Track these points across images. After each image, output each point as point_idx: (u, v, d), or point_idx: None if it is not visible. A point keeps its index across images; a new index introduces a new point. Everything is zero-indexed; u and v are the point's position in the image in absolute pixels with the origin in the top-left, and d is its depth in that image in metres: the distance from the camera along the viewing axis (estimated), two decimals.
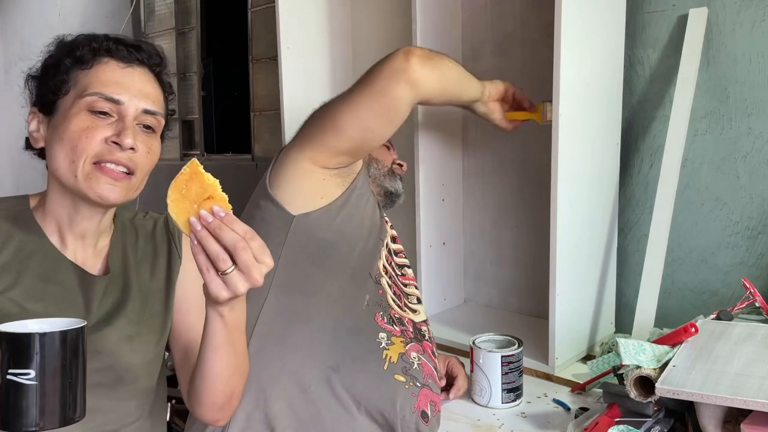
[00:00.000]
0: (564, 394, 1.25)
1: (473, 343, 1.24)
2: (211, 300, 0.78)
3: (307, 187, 1.11)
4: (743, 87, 1.37)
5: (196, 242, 0.73)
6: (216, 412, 0.92)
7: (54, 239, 0.89)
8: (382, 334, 1.08)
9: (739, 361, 0.97)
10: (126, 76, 0.87)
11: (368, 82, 1.10)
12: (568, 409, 1.18)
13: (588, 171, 1.37)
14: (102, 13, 3.45)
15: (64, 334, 0.67)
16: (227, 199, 0.74)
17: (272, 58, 2.63)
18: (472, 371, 1.23)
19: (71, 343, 0.67)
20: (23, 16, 4.03)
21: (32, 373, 0.65)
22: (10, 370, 0.65)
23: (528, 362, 1.32)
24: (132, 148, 0.84)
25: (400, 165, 1.35)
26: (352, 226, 1.13)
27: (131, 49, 0.89)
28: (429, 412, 1.07)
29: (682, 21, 1.41)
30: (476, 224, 1.78)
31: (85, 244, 0.91)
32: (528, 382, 1.26)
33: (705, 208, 1.45)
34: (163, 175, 3.32)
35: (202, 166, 0.75)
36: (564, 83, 1.23)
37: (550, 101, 1.26)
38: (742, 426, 0.89)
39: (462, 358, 1.31)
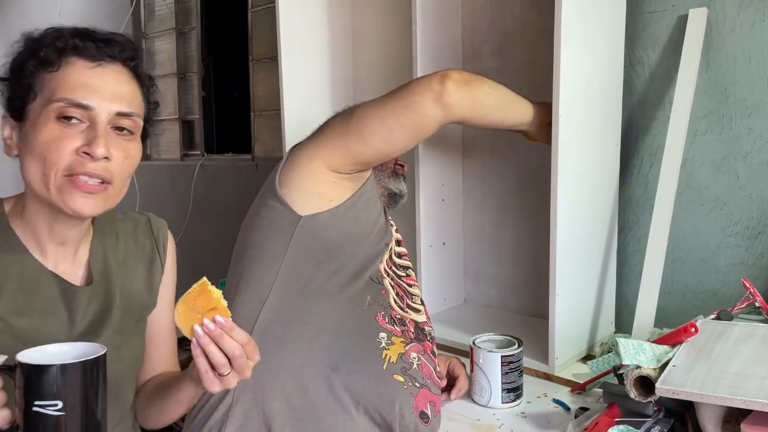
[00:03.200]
0: (564, 394, 1.25)
1: (473, 343, 1.24)
2: (198, 384, 0.82)
3: (317, 188, 1.11)
4: (743, 87, 1.37)
5: (198, 348, 0.77)
6: (154, 426, 0.99)
7: (32, 248, 0.85)
8: (383, 334, 1.08)
9: (739, 361, 0.97)
10: (95, 76, 0.80)
11: (401, 96, 1.12)
12: (568, 409, 1.18)
13: (588, 171, 1.37)
14: (102, 13, 3.45)
15: (84, 363, 0.67)
16: (226, 305, 0.79)
17: (272, 58, 2.63)
18: (472, 371, 1.23)
19: (94, 372, 0.68)
20: (23, 16, 4.03)
21: (60, 404, 0.65)
22: (37, 402, 0.65)
23: (528, 362, 1.32)
24: (106, 158, 0.79)
25: (402, 166, 1.35)
26: (359, 228, 1.13)
27: (100, 45, 0.81)
28: (429, 413, 1.07)
29: (682, 21, 1.41)
30: (476, 224, 1.78)
31: (66, 253, 0.88)
32: (528, 382, 1.26)
33: (705, 208, 1.45)
34: (163, 175, 3.35)
35: (210, 284, 0.79)
36: (564, 83, 1.23)
37: None
38: (742, 426, 0.89)
39: (462, 358, 1.31)
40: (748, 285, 1.20)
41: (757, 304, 1.19)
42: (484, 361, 1.20)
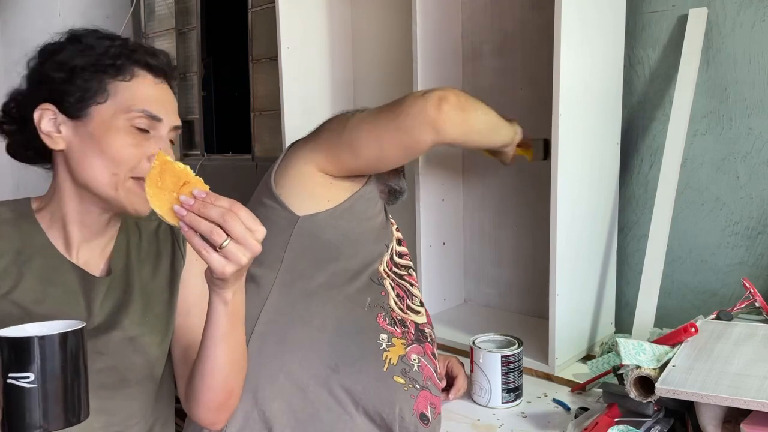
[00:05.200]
0: (564, 394, 1.25)
1: (473, 343, 1.24)
2: (215, 282, 0.79)
3: (314, 189, 1.11)
4: (743, 87, 1.37)
5: (186, 228, 0.74)
6: (214, 413, 0.92)
7: (58, 242, 0.88)
8: (383, 335, 1.08)
9: (739, 361, 0.97)
10: (160, 92, 0.89)
11: (396, 115, 1.10)
12: (568, 409, 1.18)
13: (588, 171, 1.37)
14: (102, 13, 3.45)
15: (63, 336, 0.67)
16: (203, 180, 0.76)
17: (272, 58, 2.63)
18: (472, 371, 1.23)
19: (71, 345, 0.67)
20: (23, 16, 4.03)
21: (31, 376, 0.65)
22: (11, 374, 0.65)
23: (528, 362, 1.32)
24: None
25: None
26: (358, 229, 1.13)
27: (160, 61, 0.90)
28: (429, 415, 1.06)
29: (682, 21, 1.41)
30: (476, 224, 1.78)
31: (92, 247, 0.91)
32: (528, 382, 1.26)
33: (705, 208, 1.45)
34: None
35: (169, 156, 0.77)
36: (564, 83, 1.23)
37: (547, 140, 1.27)
38: (742, 426, 0.89)
39: (462, 358, 1.31)
40: (748, 285, 1.20)
41: (757, 304, 1.19)
42: (484, 361, 1.20)
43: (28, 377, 0.65)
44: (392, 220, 1.25)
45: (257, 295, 1.07)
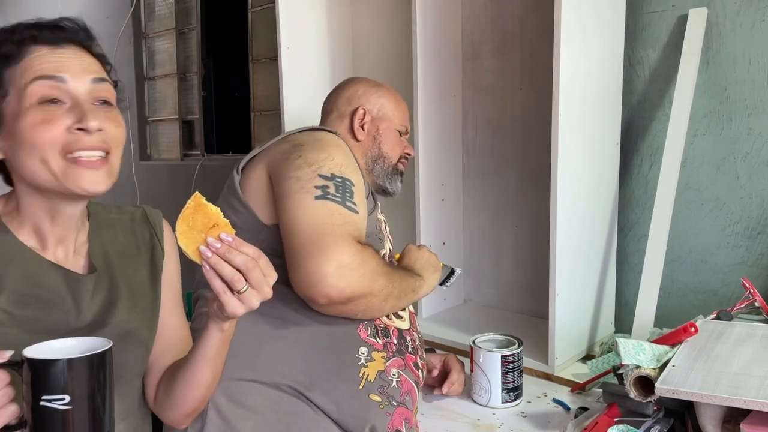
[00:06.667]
0: (564, 394, 1.25)
1: (473, 342, 1.24)
2: (222, 318, 0.81)
3: (273, 197, 1.06)
4: (743, 87, 1.37)
5: (209, 268, 0.76)
6: (185, 418, 0.94)
7: (31, 243, 0.84)
8: (363, 349, 1.04)
9: (739, 361, 0.97)
10: (58, 55, 0.80)
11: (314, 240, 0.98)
12: (568, 408, 1.18)
13: (588, 171, 1.37)
14: (102, 13, 3.46)
15: (91, 357, 0.67)
16: (229, 223, 0.77)
17: (272, 59, 2.63)
18: (472, 371, 1.23)
19: (100, 365, 0.68)
20: (23, 17, 4.02)
21: (67, 398, 0.65)
22: (45, 396, 0.65)
23: (528, 362, 1.32)
24: (100, 129, 0.78)
25: (407, 157, 1.30)
26: None
27: (55, 30, 0.83)
28: (404, 430, 1.05)
29: (682, 21, 1.41)
30: (476, 224, 1.78)
31: (66, 244, 0.87)
32: (528, 382, 1.27)
33: (705, 208, 1.45)
34: (163, 175, 3.34)
35: (204, 198, 0.77)
36: (564, 83, 1.23)
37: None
38: (741, 426, 0.89)
39: (462, 358, 1.31)
40: (747, 285, 1.20)
41: (756, 304, 1.19)
42: (484, 360, 1.20)
43: (62, 399, 0.65)
44: (385, 227, 1.21)
45: None
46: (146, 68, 3.35)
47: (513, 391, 1.20)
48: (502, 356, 1.19)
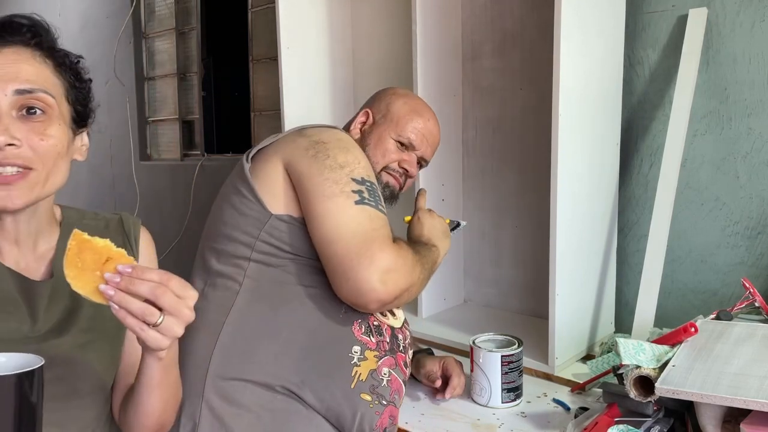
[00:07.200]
0: (564, 394, 1.25)
1: (473, 342, 1.24)
2: (150, 351, 0.76)
3: (288, 190, 1.06)
4: (743, 87, 1.37)
5: (117, 308, 0.69)
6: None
7: None
8: (356, 348, 1.05)
9: (739, 361, 0.97)
10: None
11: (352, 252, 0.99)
12: (568, 408, 1.18)
13: (588, 171, 1.37)
14: (102, 13, 3.46)
15: (20, 376, 0.61)
16: (125, 252, 0.71)
17: (272, 58, 2.63)
18: (472, 371, 1.23)
19: (27, 384, 0.62)
20: None
21: None
22: None
23: (528, 362, 1.32)
24: (11, 144, 0.73)
25: (402, 173, 1.25)
26: None
27: None
28: (389, 427, 1.07)
29: (682, 21, 1.41)
30: (476, 224, 1.78)
31: (23, 250, 0.83)
32: (528, 382, 1.27)
33: (705, 208, 1.45)
34: (163, 175, 3.34)
35: (85, 234, 0.70)
36: (564, 83, 1.23)
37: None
38: (741, 426, 0.89)
39: (462, 358, 1.31)
40: (747, 285, 1.20)
41: (756, 304, 1.19)
42: (484, 361, 1.20)
43: None
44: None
45: (222, 304, 1.04)
46: (146, 68, 3.36)
47: (513, 391, 1.20)
48: (502, 356, 1.19)
